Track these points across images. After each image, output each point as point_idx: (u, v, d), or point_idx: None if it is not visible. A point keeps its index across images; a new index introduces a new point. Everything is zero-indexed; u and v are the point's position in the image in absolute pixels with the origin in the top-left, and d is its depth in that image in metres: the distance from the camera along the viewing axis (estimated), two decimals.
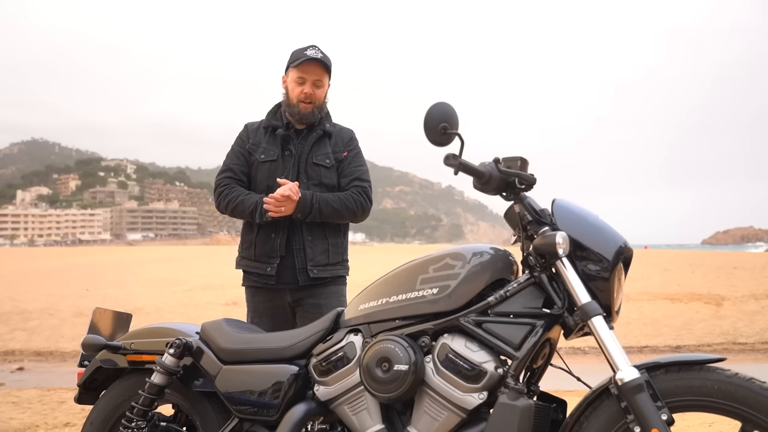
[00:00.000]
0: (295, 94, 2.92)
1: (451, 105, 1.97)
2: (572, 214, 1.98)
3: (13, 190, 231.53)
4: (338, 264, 2.98)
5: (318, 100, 2.94)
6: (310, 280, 2.88)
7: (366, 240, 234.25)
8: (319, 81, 2.93)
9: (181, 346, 2.23)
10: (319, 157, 2.95)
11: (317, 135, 2.96)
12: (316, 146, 2.96)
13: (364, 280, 3.01)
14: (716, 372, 1.75)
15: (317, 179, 2.93)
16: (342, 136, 3.05)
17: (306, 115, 2.93)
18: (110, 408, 2.39)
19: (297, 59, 2.89)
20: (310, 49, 2.91)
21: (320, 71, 2.92)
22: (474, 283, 1.97)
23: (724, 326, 9.89)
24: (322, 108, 2.98)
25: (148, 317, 10.29)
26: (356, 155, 3.03)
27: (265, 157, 2.95)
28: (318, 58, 2.89)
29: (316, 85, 2.93)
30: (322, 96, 2.97)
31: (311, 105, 2.93)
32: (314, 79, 2.92)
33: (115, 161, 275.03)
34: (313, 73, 2.91)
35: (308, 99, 2.91)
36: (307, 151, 2.94)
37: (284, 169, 2.92)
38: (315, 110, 2.94)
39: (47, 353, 9.14)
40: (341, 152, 3.00)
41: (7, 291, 15.75)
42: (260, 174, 2.97)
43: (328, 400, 2.10)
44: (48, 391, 5.94)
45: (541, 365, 2.04)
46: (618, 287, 1.94)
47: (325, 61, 2.92)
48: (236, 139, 3.06)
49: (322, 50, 2.94)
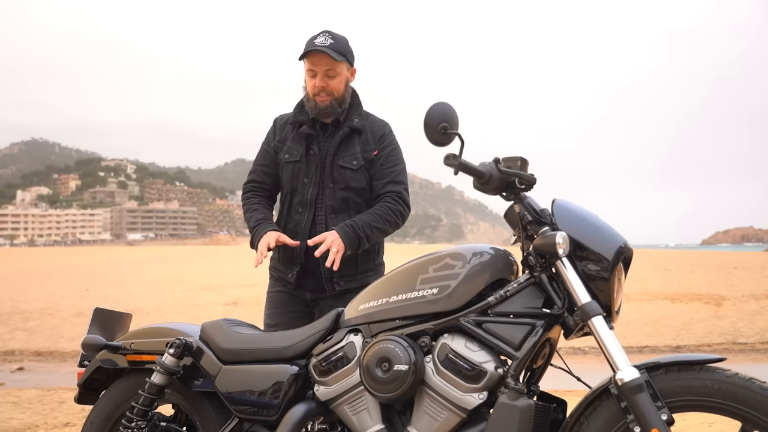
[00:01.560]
0: (310, 87, 2.72)
1: (451, 105, 1.97)
2: (572, 214, 1.98)
3: (13, 190, 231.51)
4: (369, 271, 2.77)
5: (336, 92, 2.70)
6: (336, 292, 2.70)
7: None
8: (331, 71, 2.68)
9: (181, 346, 2.23)
10: (345, 159, 2.72)
11: (344, 133, 2.73)
12: (343, 145, 2.73)
13: None
14: (716, 372, 1.75)
15: (343, 183, 2.72)
16: (374, 131, 2.78)
17: (325, 109, 2.71)
18: (110, 408, 2.39)
19: (305, 50, 2.69)
20: (320, 37, 2.69)
21: (329, 61, 2.66)
22: (474, 283, 1.97)
23: (724, 326, 9.89)
24: (343, 100, 2.74)
25: (148, 317, 10.28)
26: (390, 153, 2.76)
27: (289, 157, 2.76)
28: (323, 47, 2.64)
29: (329, 76, 2.68)
30: (340, 86, 2.72)
31: (329, 97, 2.70)
32: (325, 69, 2.68)
33: (115, 161, 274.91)
34: (322, 64, 2.67)
35: (323, 92, 2.69)
36: (333, 152, 2.72)
37: (308, 171, 2.73)
38: (334, 103, 2.71)
39: (47, 353, 9.14)
40: (371, 151, 2.75)
41: (7, 291, 15.75)
42: (285, 174, 2.79)
43: (328, 400, 2.09)
44: (48, 391, 5.94)
45: (541, 365, 2.04)
46: (618, 287, 1.94)
47: (333, 50, 2.66)
48: (266, 135, 2.90)
49: (335, 35, 2.71)
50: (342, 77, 2.72)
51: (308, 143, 2.74)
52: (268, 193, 2.88)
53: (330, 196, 2.72)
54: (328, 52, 2.64)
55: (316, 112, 2.72)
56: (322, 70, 2.68)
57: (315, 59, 2.67)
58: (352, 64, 2.77)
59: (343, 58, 2.69)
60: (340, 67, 2.70)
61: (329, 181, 2.72)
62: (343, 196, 2.72)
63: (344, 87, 2.74)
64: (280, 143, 2.81)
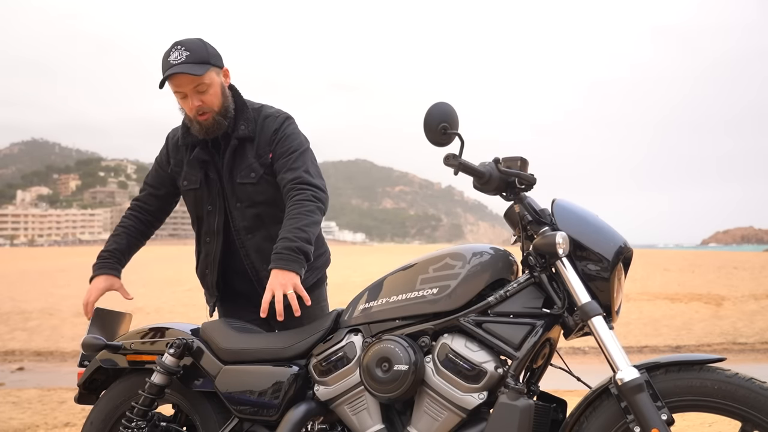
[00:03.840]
0: (187, 109, 2.41)
1: (450, 105, 1.97)
2: (572, 214, 1.98)
3: (13, 190, 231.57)
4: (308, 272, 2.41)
5: (215, 105, 2.39)
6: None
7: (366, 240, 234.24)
8: (200, 86, 2.35)
9: (181, 346, 2.23)
10: (242, 174, 2.44)
11: (234, 146, 2.44)
12: (237, 160, 2.44)
13: (364, 280, 2.99)
14: (716, 372, 1.75)
15: (248, 200, 2.45)
16: (265, 131, 2.45)
17: (211, 127, 2.40)
18: (110, 408, 2.39)
19: (163, 72, 2.36)
20: (173, 53, 2.35)
21: (192, 78, 2.33)
22: (474, 283, 1.97)
23: (724, 326, 9.89)
24: (227, 109, 2.42)
25: (148, 317, 10.29)
26: (283, 143, 2.42)
27: (188, 184, 2.50)
28: (179, 66, 2.32)
29: (200, 91, 2.35)
30: (216, 98, 2.39)
31: (210, 114, 2.38)
32: (192, 87, 2.35)
33: (115, 161, 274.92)
34: (187, 83, 2.34)
35: (200, 110, 2.37)
36: (229, 170, 2.45)
37: (209, 197, 2.48)
38: (218, 117, 2.39)
39: (47, 353, 9.14)
40: (266, 155, 2.44)
41: (7, 291, 15.75)
42: (188, 201, 2.56)
43: (328, 400, 2.09)
44: (48, 391, 5.94)
45: (541, 365, 2.04)
46: (618, 287, 1.94)
47: (192, 63, 2.32)
48: (159, 153, 2.62)
49: (189, 44, 2.36)
50: (215, 87, 2.39)
51: (205, 169, 2.48)
52: (150, 216, 2.65)
53: (240, 217, 2.48)
54: (187, 70, 2.32)
55: (204, 133, 2.42)
56: (189, 89, 2.36)
57: (177, 81, 2.35)
58: (221, 65, 2.44)
59: (206, 66, 2.36)
60: (208, 77, 2.37)
61: (234, 201, 2.47)
62: (254, 213, 2.47)
63: (222, 95, 2.42)
64: (177, 167, 2.54)
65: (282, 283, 2.17)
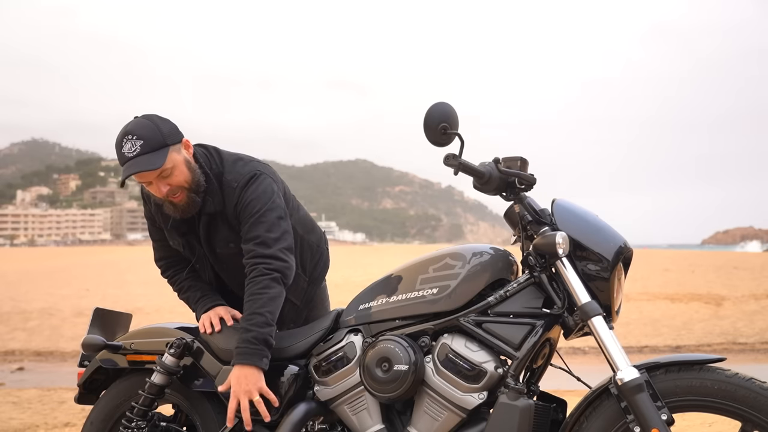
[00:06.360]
0: (156, 194, 2.24)
1: (450, 105, 1.98)
2: (572, 214, 1.98)
3: (13, 190, 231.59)
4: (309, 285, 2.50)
5: (184, 184, 2.22)
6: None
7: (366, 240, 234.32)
8: (164, 172, 2.17)
9: (181, 346, 2.23)
10: (220, 245, 2.34)
11: (205, 222, 2.32)
12: (212, 234, 2.34)
13: (364, 280, 3.00)
14: (716, 372, 1.76)
15: (234, 265, 2.34)
16: (231, 201, 2.28)
17: (186, 208, 2.25)
18: (110, 408, 2.40)
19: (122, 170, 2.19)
20: (125, 144, 2.16)
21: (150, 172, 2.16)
22: (474, 283, 1.98)
23: (724, 326, 9.88)
24: (198, 184, 2.24)
25: (148, 317, 10.29)
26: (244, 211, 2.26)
27: (174, 244, 2.43)
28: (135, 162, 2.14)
29: (164, 176, 2.17)
30: (184, 177, 2.21)
31: (182, 194, 2.23)
32: (156, 176, 2.17)
33: (115, 161, 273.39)
34: (149, 174, 2.17)
35: (171, 193, 2.21)
36: (207, 242, 2.36)
37: (195, 258, 2.41)
38: (191, 195, 2.24)
39: (47, 353, 9.15)
40: (238, 225, 2.30)
41: (7, 291, 15.74)
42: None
43: (328, 400, 2.10)
44: (48, 391, 5.95)
45: (541, 365, 2.04)
46: (618, 287, 1.95)
47: (147, 154, 2.14)
48: (145, 209, 2.48)
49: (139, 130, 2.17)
50: (179, 166, 2.21)
51: (185, 237, 2.38)
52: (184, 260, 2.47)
53: (229, 277, 2.43)
54: (144, 167, 2.14)
55: (180, 213, 2.26)
56: (153, 177, 2.18)
57: (138, 175, 2.18)
58: (179, 140, 2.24)
59: (164, 151, 2.17)
60: (170, 160, 2.17)
61: (220, 265, 2.41)
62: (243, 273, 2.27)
63: (189, 170, 2.23)
64: (162, 226, 2.42)
65: (246, 390, 2.08)
